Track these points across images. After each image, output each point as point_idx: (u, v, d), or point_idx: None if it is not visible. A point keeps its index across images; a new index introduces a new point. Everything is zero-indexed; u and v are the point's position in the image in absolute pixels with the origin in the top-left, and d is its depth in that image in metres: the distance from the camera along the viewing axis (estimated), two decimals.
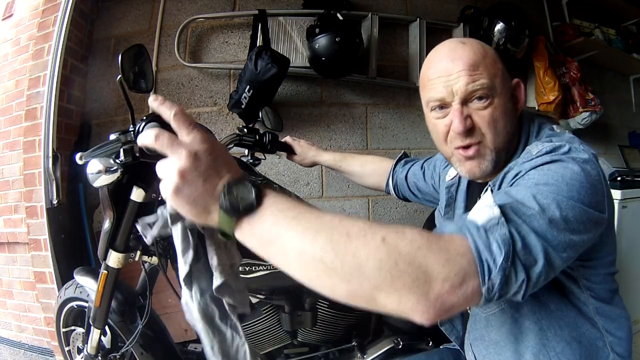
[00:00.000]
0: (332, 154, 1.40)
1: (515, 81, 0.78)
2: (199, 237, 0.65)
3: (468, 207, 0.93)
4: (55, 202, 1.86)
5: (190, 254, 0.64)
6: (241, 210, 0.51)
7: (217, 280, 0.64)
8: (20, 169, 2.03)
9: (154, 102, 0.55)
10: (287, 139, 1.41)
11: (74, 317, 1.43)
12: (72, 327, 1.43)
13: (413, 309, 0.48)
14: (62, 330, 1.44)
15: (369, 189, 1.43)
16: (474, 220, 0.54)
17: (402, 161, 1.30)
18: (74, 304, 1.38)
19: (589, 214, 0.61)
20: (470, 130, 0.75)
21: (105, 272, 1.09)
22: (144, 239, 0.80)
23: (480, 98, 0.74)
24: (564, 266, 0.62)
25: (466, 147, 0.77)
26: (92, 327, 1.19)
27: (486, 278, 0.50)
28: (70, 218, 1.96)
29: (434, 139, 0.84)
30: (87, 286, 1.28)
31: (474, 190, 0.91)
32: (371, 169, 1.35)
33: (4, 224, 2.21)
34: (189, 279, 0.66)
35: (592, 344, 0.74)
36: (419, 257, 0.48)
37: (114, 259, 1.07)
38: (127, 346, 1.19)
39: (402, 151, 1.35)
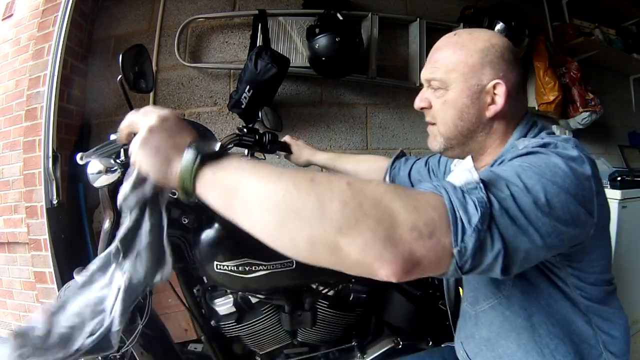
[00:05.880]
0: (327, 154, 1.40)
1: (493, 83, 0.77)
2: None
3: None
4: (55, 202, 1.86)
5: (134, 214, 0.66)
6: (205, 155, 0.52)
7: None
8: (20, 169, 2.03)
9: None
10: (286, 138, 1.42)
11: None
12: None
13: (378, 258, 0.45)
14: None
15: None
16: (451, 182, 0.53)
17: (402, 159, 1.29)
18: None
19: (575, 206, 0.59)
20: (425, 109, 0.84)
21: None
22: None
23: (434, 87, 0.81)
24: (548, 255, 0.62)
25: (429, 123, 0.85)
26: None
27: (459, 238, 0.48)
28: (70, 218, 1.96)
29: None
30: None
31: None
32: (366, 167, 1.34)
33: (4, 224, 2.20)
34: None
35: (585, 341, 0.73)
36: (385, 200, 0.46)
37: None
38: (127, 346, 1.19)
39: (400, 149, 1.34)
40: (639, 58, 2.93)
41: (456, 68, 0.78)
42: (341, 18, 2.00)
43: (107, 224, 1.03)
